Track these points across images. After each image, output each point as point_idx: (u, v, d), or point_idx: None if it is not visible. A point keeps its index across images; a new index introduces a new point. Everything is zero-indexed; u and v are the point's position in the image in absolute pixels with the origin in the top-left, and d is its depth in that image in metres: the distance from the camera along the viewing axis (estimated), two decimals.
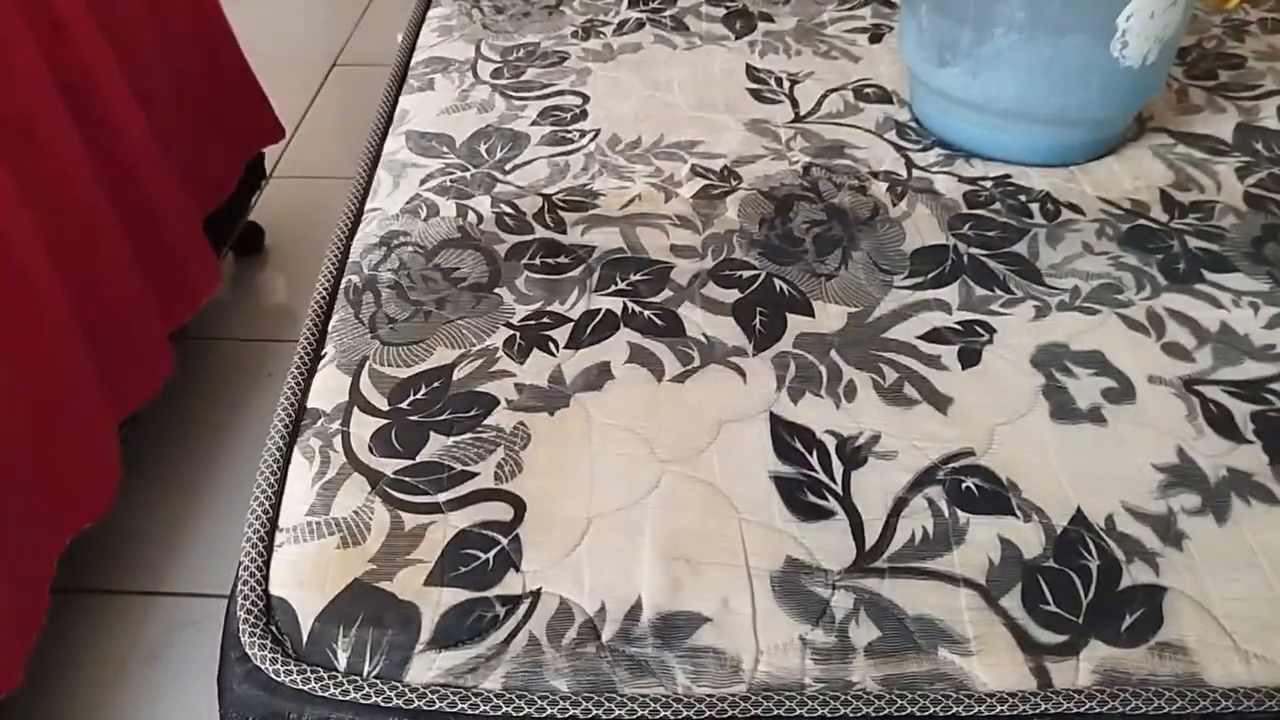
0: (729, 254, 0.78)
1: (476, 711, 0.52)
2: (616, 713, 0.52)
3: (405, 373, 0.69)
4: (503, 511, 0.60)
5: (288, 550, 0.59)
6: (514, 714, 0.52)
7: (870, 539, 0.58)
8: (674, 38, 1.07)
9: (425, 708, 0.52)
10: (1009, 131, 0.87)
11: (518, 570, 0.57)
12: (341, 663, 0.54)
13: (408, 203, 0.85)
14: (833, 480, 0.61)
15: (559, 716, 0.52)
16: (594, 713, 0.52)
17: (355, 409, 0.66)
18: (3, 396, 0.87)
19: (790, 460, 0.62)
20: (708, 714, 0.52)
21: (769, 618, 0.55)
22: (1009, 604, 0.55)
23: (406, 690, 0.53)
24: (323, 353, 0.72)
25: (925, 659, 0.53)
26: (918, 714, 0.52)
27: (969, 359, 0.69)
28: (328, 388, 0.68)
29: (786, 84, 0.99)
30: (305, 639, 0.55)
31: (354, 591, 0.56)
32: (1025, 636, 0.54)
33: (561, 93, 0.99)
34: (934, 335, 0.71)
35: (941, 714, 0.52)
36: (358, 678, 0.53)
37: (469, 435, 0.64)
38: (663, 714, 0.52)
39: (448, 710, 0.52)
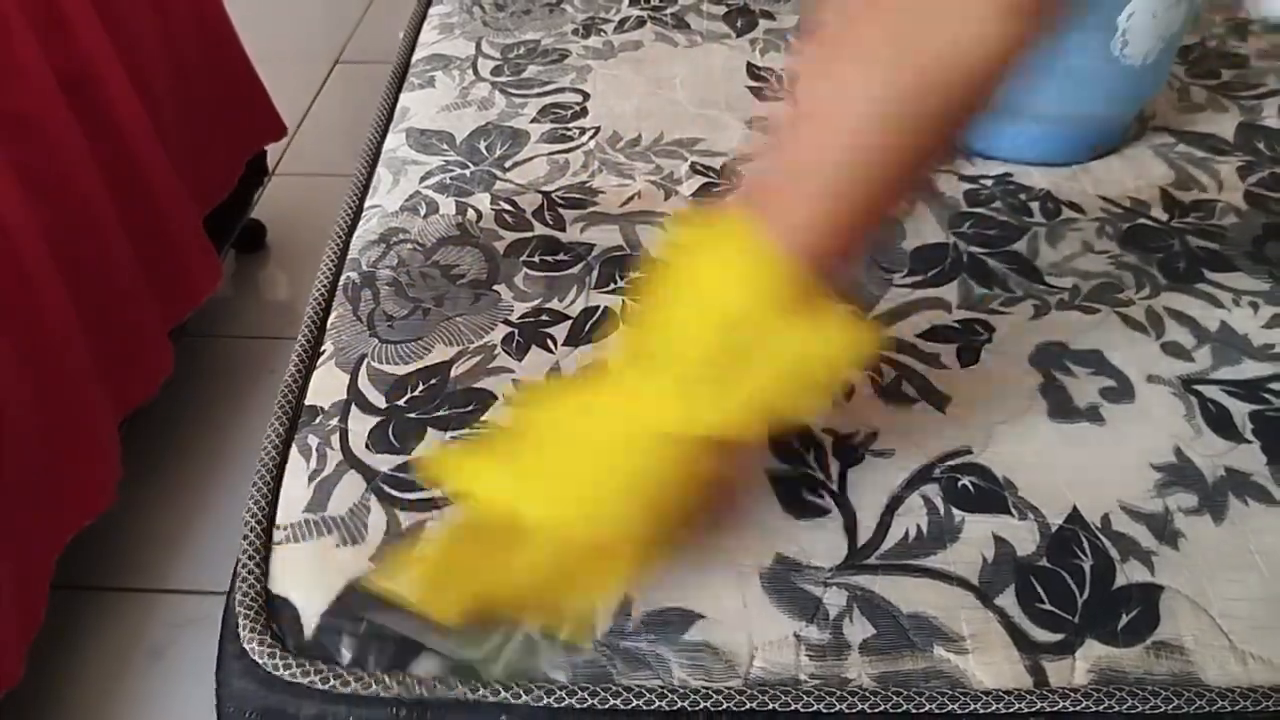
0: None
1: (476, 694, 0.52)
2: (612, 702, 0.52)
3: (403, 370, 0.69)
4: None
5: (285, 547, 0.59)
6: (513, 700, 0.52)
7: (864, 536, 0.58)
8: (675, 35, 1.07)
9: (425, 694, 0.52)
10: (1010, 130, 0.87)
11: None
12: (340, 657, 0.54)
13: (407, 200, 0.85)
14: (828, 478, 0.61)
15: (556, 705, 0.52)
16: (589, 702, 0.52)
17: (353, 406, 0.67)
18: (4, 393, 0.87)
19: (786, 458, 0.62)
20: (703, 705, 0.52)
21: (763, 614, 0.55)
22: (1004, 602, 0.55)
23: (407, 679, 0.53)
24: (321, 350, 0.72)
25: (920, 656, 0.53)
26: (913, 711, 0.52)
27: (968, 357, 0.69)
28: (326, 385, 0.68)
29: (788, 82, 0.99)
30: (305, 635, 0.55)
31: (351, 587, 0.56)
32: (1021, 635, 0.54)
33: (562, 90, 0.99)
34: (933, 333, 0.71)
35: (937, 711, 0.52)
36: (358, 669, 0.54)
37: (466, 431, 0.64)
38: (658, 704, 0.52)
39: (446, 697, 0.52)
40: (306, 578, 0.57)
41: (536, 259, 0.78)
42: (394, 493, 0.61)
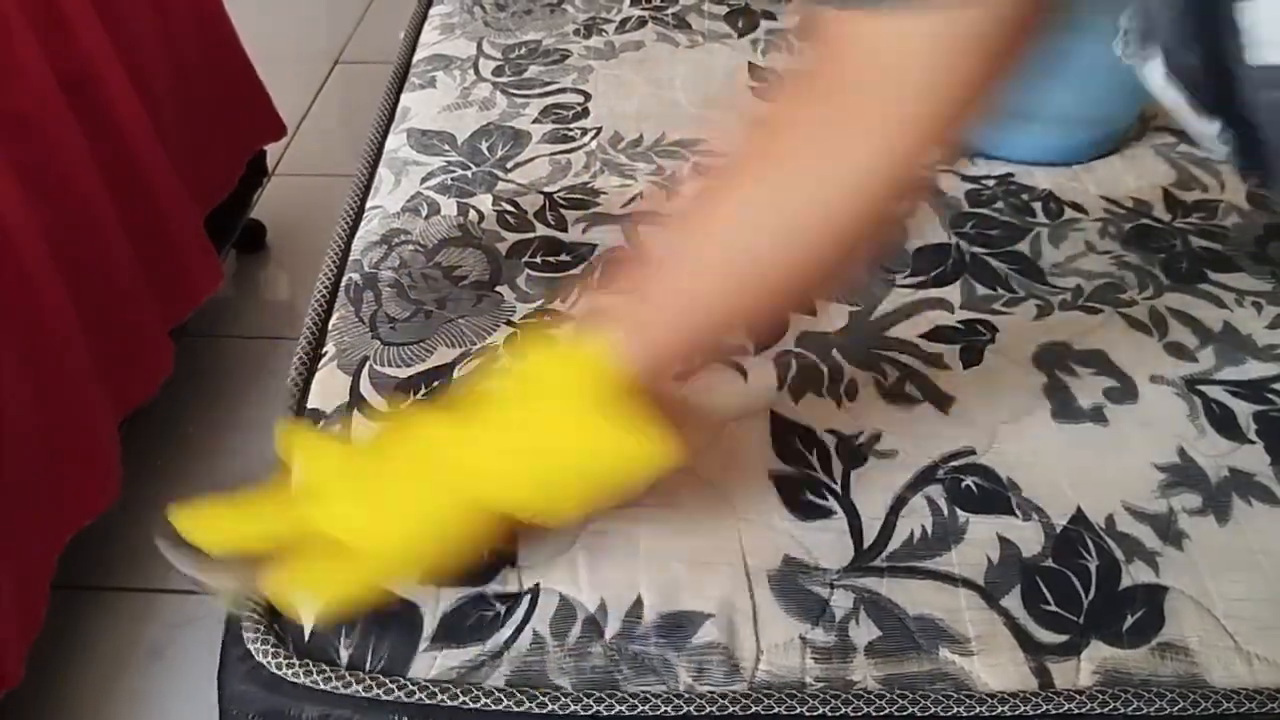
0: None
1: (478, 704, 0.52)
2: (617, 709, 0.52)
3: (405, 372, 0.69)
4: None
5: None
6: (515, 708, 0.52)
7: (869, 538, 0.58)
8: (676, 36, 1.07)
9: (426, 699, 0.52)
10: (1012, 130, 0.87)
11: (513, 566, 0.57)
12: (343, 659, 0.54)
13: (409, 201, 0.84)
14: (832, 479, 0.61)
15: (560, 713, 0.52)
16: (595, 709, 0.52)
17: (355, 409, 0.66)
18: (5, 393, 0.87)
19: (790, 459, 0.62)
20: (708, 710, 0.52)
21: (769, 617, 0.55)
22: (1009, 604, 0.55)
23: (409, 684, 0.53)
24: (323, 351, 0.72)
25: (926, 659, 0.53)
26: (919, 714, 0.52)
27: (970, 358, 0.69)
28: (327, 387, 0.68)
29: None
30: (307, 635, 0.55)
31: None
32: (1026, 636, 0.54)
33: (563, 90, 0.99)
34: (936, 334, 0.71)
35: (943, 714, 0.52)
36: (360, 672, 0.53)
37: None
38: (663, 709, 0.52)
39: (448, 704, 0.52)
40: None
41: (539, 260, 0.78)
42: None
